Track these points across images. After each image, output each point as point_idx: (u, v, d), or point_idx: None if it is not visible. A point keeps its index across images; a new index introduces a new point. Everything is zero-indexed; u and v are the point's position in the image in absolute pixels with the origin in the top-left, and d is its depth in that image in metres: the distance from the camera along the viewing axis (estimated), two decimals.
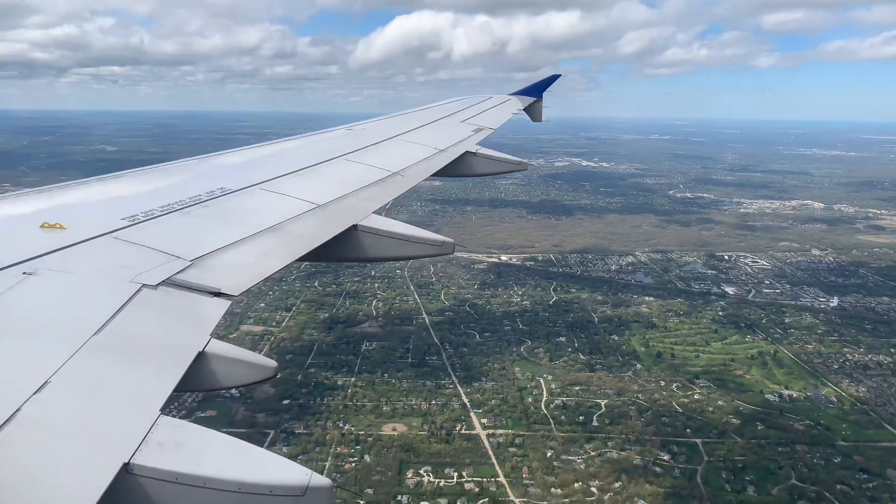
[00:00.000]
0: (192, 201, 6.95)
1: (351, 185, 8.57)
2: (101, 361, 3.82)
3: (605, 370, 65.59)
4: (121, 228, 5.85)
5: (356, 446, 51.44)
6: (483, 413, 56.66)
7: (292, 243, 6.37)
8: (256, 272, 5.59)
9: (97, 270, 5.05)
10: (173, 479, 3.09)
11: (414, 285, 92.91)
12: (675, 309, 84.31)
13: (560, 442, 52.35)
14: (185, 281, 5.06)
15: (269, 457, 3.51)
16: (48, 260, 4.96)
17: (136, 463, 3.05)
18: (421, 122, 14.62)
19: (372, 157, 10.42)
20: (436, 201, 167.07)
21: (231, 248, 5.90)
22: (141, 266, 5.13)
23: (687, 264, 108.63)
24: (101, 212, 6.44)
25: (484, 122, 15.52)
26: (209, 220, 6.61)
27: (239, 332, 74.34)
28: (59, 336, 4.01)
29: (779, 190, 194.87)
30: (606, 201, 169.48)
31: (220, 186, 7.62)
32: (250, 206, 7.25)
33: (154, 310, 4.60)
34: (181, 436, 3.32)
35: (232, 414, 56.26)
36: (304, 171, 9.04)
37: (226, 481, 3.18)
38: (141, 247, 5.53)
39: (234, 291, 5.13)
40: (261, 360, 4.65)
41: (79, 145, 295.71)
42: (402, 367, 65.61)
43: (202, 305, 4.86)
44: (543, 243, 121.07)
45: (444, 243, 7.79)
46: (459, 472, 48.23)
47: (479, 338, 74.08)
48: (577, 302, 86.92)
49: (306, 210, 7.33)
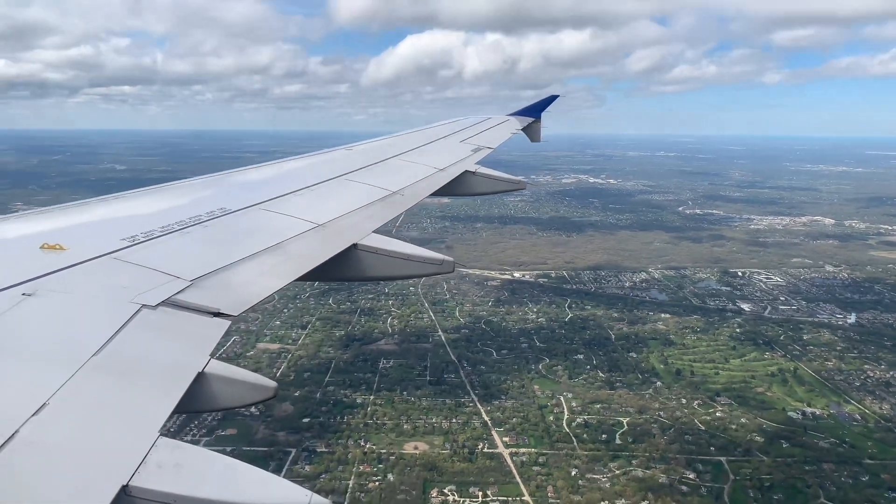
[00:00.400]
0: (192, 221, 6.94)
1: (351, 205, 8.58)
2: (100, 382, 3.80)
3: (625, 388, 65.22)
4: (121, 249, 5.82)
5: (379, 465, 51.14)
6: (505, 431, 56.30)
7: (292, 263, 6.37)
8: (256, 292, 5.57)
9: (97, 291, 5.04)
10: (172, 501, 3.05)
11: (428, 302, 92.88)
12: (692, 326, 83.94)
13: (584, 460, 51.94)
14: (184, 301, 5.03)
15: (270, 478, 3.47)
16: (48, 281, 4.94)
17: (135, 485, 3.01)
18: (420, 141, 14.76)
19: (372, 177, 10.47)
20: (445, 218, 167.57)
21: (231, 268, 5.89)
22: (140, 286, 5.12)
23: (701, 281, 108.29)
24: (101, 232, 6.45)
25: (483, 141, 15.64)
26: (209, 240, 6.62)
27: (256, 349, 74.32)
28: (57, 357, 4.00)
29: (788, 206, 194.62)
30: (616, 218, 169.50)
31: (220, 206, 7.61)
32: (250, 226, 7.26)
33: (153, 330, 4.59)
34: (180, 457, 3.28)
35: (252, 432, 56.04)
36: (303, 191, 9.08)
37: (225, 503, 3.15)
38: (140, 267, 5.53)
39: (233, 311, 5.11)
40: (260, 380, 4.61)
41: (88, 164, 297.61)
42: (421, 385, 65.40)
43: (202, 326, 4.83)
44: (555, 260, 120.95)
45: (443, 262, 7.76)
46: (484, 492, 47.84)
47: (497, 355, 73.81)
48: (593, 319, 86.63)
49: (306, 229, 7.32)
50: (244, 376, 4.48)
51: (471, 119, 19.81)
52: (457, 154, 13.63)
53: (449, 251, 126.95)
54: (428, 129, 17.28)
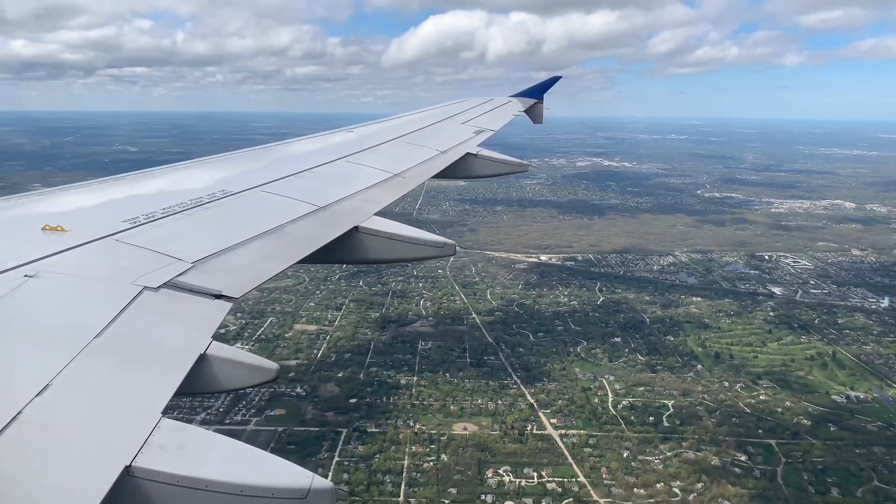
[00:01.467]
0: (193, 203, 6.93)
1: (352, 187, 8.59)
2: (103, 364, 3.81)
3: (666, 371, 65.33)
4: (122, 231, 5.84)
5: (430, 445, 51.47)
6: (552, 413, 56.53)
7: (294, 245, 6.38)
8: (257, 274, 5.59)
9: (98, 273, 5.04)
10: (175, 482, 3.08)
11: (458, 285, 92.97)
12: (725, 309, 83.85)
13: (634, 442, 52.15)
14: (186, 283, 5.05)
15: (272, 459, 3.50)
16: (50, 262, 4.95)
17: (138, 465, 3.04)
18: (422, 123, 14.67)
19: (373, 159, 10.47)
20: (464, 201, 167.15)
21: (232, 251, 5.91)
22: (142, 268, 5.13)
23: (728, 264, 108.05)
24: (102, 214, 6.44)
25: (485, 123, 15.61)
26: (210, 222, 6.60)
27: (293, 331, 74.62)
28: (60, 339, 4.00)
29: (807, 190, 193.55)
30: (636, 201, 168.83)
31: (221, 188, 7.62)
32: (251, 208, 7.26)
33: (155, 312, 4.60)
34: (183, 438, 3.31)
35: (301, 413, 56.42)
36: (305, 173, 9.07)
37: (228, 484, 3.18)
38: (142, 249, 5.53)
39: (235, 294, 5.11)
40: (262, 362, 4.64)
41: (100, 146, 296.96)
42: (462, 367, 65.60)
43: (203, 308, 4.85)
44: (580, 243, 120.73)
45: (445, 244, 7.78)
46: (539, 472, 48.13)
47: (533, 338, 73.95)
48: (626, 302, 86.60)
49: (308, 212, 7.32)
50: (246, 358, 4.52)
51: (473, 101, 19.65)
52: (459, 136, 13.63)
53: (472, 234, 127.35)
54: (430, 111, 17.21)
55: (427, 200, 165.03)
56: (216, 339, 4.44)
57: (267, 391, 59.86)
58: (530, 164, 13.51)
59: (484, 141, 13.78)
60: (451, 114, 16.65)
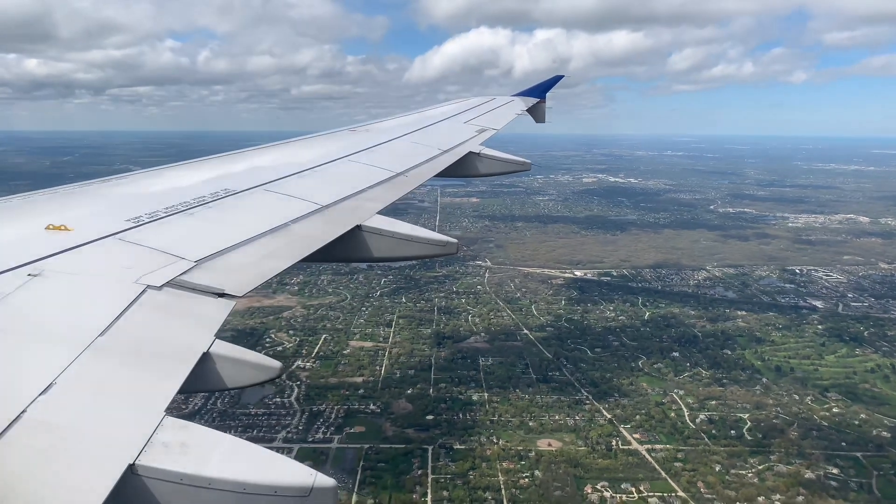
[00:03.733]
0: (195, 202, 6.96)
1: (355, 186, 8.59)
2: (106, 363, 3.84)
3: (733, 384, 65.40)
4: (125, 230, 5.87)
5: (520, 462, 51.12)
6: (632, 428, 56.40)
7: (296, 244, 6.40)
8: (260, 273, 5.63)
9: (102, 272, 5.07)
10: (178, 480, 3.10)
11: (502, 301, 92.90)
12: (773, 323, 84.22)
13: (723, 456, 52.05)
14: (189, 282, 5.08)
15: (274, 457, 3.52)
16: (53, 261, 4.98)
17: (142, 464, 3.06)
18: (424, 122, 14.68)
19: (375, 158, 10.47)
20: (482, 217, 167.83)
21: (235, 249, 5.92)
22: (145, 267, 5.16)
23: (762, 278, 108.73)
24: (105, 213, 6.45)
25: (487, 122, 15.59)
26: (213, 221, 6.63)
27: (350, 348, 74.15)
28: (64, 337, 4.03)
29: (818, 204, 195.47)
30: (654, 217, 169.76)
31: (223, 187, 7.63)
32: (254, 207, 7.28)
33: (158, 311, 4.63)
34: (186, 437, 3.33)
35: (382, 430, 55.92)
36: (307, 172, 9.07)
37: (231, 482, 3.19)
38: (145, 248, 5.56)
39: (237, 292, 5.14)
40: (265, 360, 4.66)
41: (102, 165, 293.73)
42: (529, 383, 65.36)
43: (206, 306, 4.88)
44: (611, 258, 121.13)
45: (447, 243, 7.80)
46: (636, 487, 47.90)
47: (591, 353, 73.88)
48: (672, 317, 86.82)
49: (310, 211, 7.33)
50: (249, 357, 4.53)
51: (475, 100, 19.59)
52: (461, 135, 13.61)
53: (500, 250, 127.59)
54: (432, 110, 17.18)
55: (445, 217, 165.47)
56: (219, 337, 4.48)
57: (342, 408, 59.48)
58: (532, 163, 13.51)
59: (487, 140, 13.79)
60: (454, 113, 16.61)
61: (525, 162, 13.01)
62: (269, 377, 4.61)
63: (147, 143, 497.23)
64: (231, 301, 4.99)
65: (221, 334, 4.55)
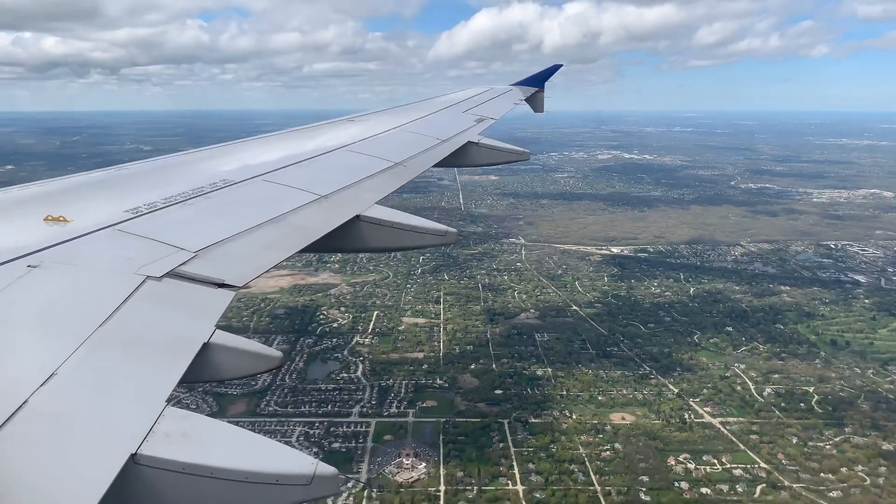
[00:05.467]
0: (194, 193, 6.95)
1: (353, 176, 8.58)
2: (107, 353, 3.85)
3: (792, 358, 65.86)
4: (124, 221, 5.86)
5: (598, 435, 51.68)
6: (702, 402, 56.92)
7: (295, 234, 6.41)
8: (260, 263, 5.64)
9: (101, 263, 5.07)
10: (180, 469, 3.12)
11: (544, 277, 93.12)
12: (819, 297, 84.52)
13: (798, 429, 52.61)
14: (189, 272, 5.09)
15: (276, 446, 3.54)
16: (52, 252, 4.99)
17: (144, 453, 3.07)
18: (423, 112, 14.72)
19: (374, 148, 10.48)
20: (505, 195, 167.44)
21: (234, 240, 5.94)
22: (145, 258, 5.17)
23: (798, 253, 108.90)
24: (104, 204, 6.44)
25: (486, 112, 15.67)
26: (212, 211, 6.62)
27: (404, 324, 74.52)
28: (64, 328, 4.05)
29: (838, 179, 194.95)
30: (677, 193, 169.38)
31: (222, 178, 7.61)
32: (253, 198, 7.28)
33: (159, 301, 4.63)
34: (188, 426, 3.35)
35: (453, 404, 56.44)
36: (306, 162, 9.07)
37: (232, 471, 3.21)
38: (145, 239, 5.55)
39: (237, 283, 5.15)
40: (266, 350, 4.67)
41: (112, 145, 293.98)
42: (591, 359, 65.81)
43: (206, 297, 4.89)
44: (644, 235, 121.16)
45: (447, 232, 7.79)
46: (718, 459, 48.45)
47: (644, 329, 74.25)
48: (718, 293, 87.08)
49: (309, 201, 7.33)
50: (250, 346, 4.54)
51: (473, 90, 19.62)
52: (460, 125, 13.66)
53: (532, 227, 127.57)
54: (430, 101, 17.22)
55: (469, 196, 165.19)
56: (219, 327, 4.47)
57: (411, 383, 59.96)
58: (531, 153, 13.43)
59: (485, 129, 13.83)
60: (452, 103, 16.68)
61: (524, 151, 13.04)
62: (270, 367, 4.66)
63: (152, 124, 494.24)
64: (231, 291, 5.00)
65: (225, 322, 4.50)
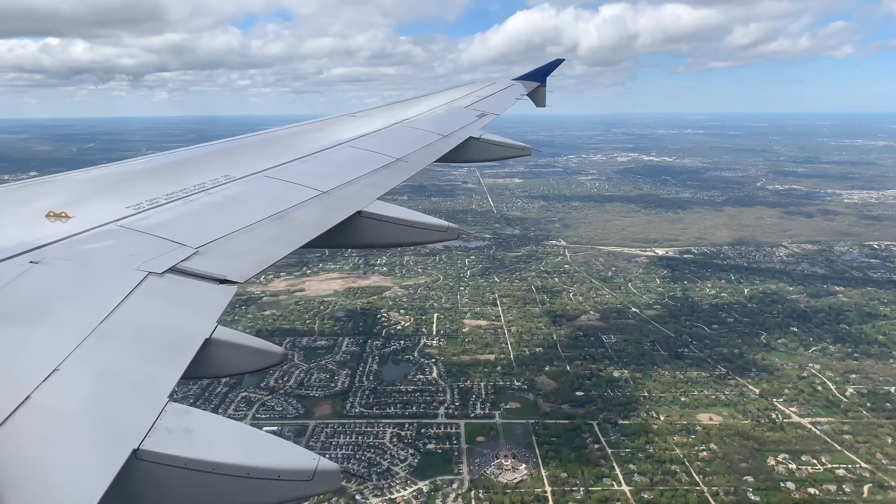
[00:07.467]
0: (196, 189, 6.94)
1: (355, 172, 8.56)
2: (109, 349, 3.84)
3: (866, 358, 65.66)
4: (126, 217, 5.85)
5: (689, 435, 51.53)
6: (786, 402, 56.75)
7: (297, 230, 6.40)
8: (262, 259, 5.63)
9: (103, 258, 5.06)
10: (182, 465, 3.12)
11: (596, 280, 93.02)
12: (877, 298, 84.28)
13: (891, 429, 52.40)
14: (190, 268, 5.08)
15: (278, 442, 3.54)
16: (54, 248, 4.98)
17: (146, 449, 3.07)
18: (424, 108, 14.69)
19: (375, 144, 10.45)
20: (534, 197, 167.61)
21: (236, 236, 5.92)
22: (146, 254, 5.16)
23: (843, 254, 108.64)
24: (106, 200, 6.42)
25: (487, 107, 15.59)
26: (214, 207, 6.61)
27: (467, 326, 74.49)
28: (66, 324, 4.04)
29: (864, 180, 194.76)
30: (707, 195, 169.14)
31: (224, 174, 7.60)
32: (255, 193, 7.27)
33: (160, 297, 4.63)
34: (190, 422, 3.35)
35: (537, 406, 56.38)
36: (307, 158, 9.05)
37: (235, 466, 3.22)
38: (146, 235, 5.56)
39: (239, 278, 5.15)
40: (268, 346, 4.67)
41: (128, 151, 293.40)
42: (665, 360, 65.67)
43: (208, 292, 4.88)
44: (684, 236, 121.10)
45: (448, 229, 7.78)
46: (818, 460, 48.26)
47: (709, 330, 74.10)
48: (774, 293, 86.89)
49: (310, 197, 7.32)
50: (251, 342, 4.53)
51: (475, 84, 19.52)
52: (461, 120, 13.60)
53: (569, 230, 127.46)
54: (432, 97, 17.15)
55: (498, 199, 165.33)
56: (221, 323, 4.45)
57: (490, 385, 59.90)
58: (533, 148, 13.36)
59: (487, 124, 13.72)
60: (453, 98, 16.62)
61: (525, 147, 12.99)
62: (272, 363, 4.64)
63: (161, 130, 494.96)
64: (232, 287, 5.00)
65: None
